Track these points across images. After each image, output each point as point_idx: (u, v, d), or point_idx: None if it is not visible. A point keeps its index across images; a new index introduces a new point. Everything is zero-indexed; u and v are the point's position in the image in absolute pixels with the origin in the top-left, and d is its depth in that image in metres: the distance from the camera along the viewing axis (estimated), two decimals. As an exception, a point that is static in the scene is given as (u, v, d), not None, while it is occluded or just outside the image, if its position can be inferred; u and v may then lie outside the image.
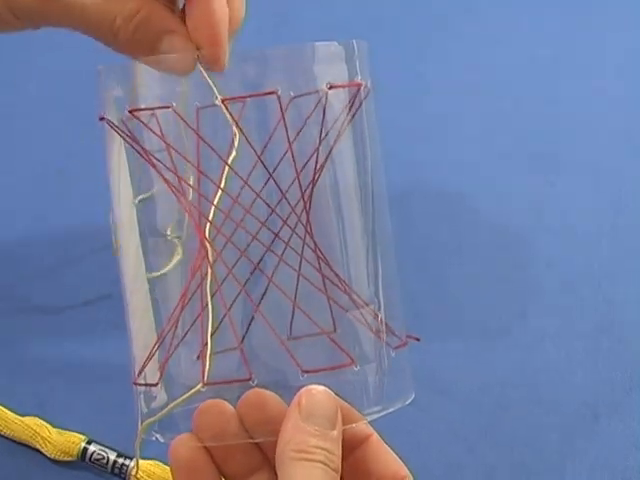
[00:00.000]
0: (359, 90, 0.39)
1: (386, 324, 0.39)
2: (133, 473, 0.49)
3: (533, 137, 0.70)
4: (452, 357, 0.56)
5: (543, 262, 0.62)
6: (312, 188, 0.38)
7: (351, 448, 0.37)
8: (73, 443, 0.50)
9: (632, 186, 0.66)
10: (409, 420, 0.53)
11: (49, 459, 0.50)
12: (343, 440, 0.35)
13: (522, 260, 0.62)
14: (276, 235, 0.38)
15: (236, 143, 0.37)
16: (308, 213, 0.38)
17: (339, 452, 0.34)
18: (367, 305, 0.39)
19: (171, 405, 0.36)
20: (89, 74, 0.44)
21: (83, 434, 0.50)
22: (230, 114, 0.37)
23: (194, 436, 0.36)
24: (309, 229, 0.38)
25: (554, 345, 0.57)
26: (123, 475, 0.49)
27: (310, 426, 0.33)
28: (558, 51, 0.77)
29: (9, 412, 0.51)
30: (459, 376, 0.55)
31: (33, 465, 0.50)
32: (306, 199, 0.38)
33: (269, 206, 0.38)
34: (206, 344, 0.35)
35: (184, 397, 0.35)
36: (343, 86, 0.38)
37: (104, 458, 0.49)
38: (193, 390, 0.35)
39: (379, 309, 0.39)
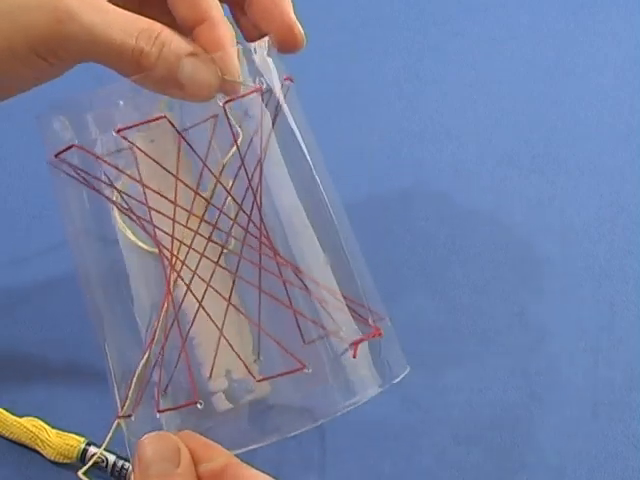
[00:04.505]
0: (262, 92, 0.37)
1: (361, 314, 0.39)
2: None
3: (533, 137, 0.70)
4: (452, 357, 0.56)
5: (543, 262, 0.62)
6: (252, 207, 0.38)
7: None
8: (72, 446, 0.50)
9: (632, 186, 0.66)
10: (410, 421, 0.53)
11: (49, 460, 0.50)
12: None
13: (522, 260, 0.62)
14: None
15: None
16: (261, 227, 0.37)
17: None
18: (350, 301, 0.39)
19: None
20: (90, 74, 0.44)
21: (83, 436, 0.50)
22: (133, 144, 0.37)
23: None
24: (264, 240, 0.37)
25: (554, 345, 0.57)
26: (123, 477, 0.49)
27: (151, 475, 0.33)
28: (558, 51, 0.76)
29: (8, 414, 0.51)
30: (459, 377, 0.55)
31: (33, 466, 0.50)
32: (249, 216, 0.38)
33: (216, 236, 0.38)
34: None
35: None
36: (239, 97, 0.37)
37: (103, 461, 0.49)
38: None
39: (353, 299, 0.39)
